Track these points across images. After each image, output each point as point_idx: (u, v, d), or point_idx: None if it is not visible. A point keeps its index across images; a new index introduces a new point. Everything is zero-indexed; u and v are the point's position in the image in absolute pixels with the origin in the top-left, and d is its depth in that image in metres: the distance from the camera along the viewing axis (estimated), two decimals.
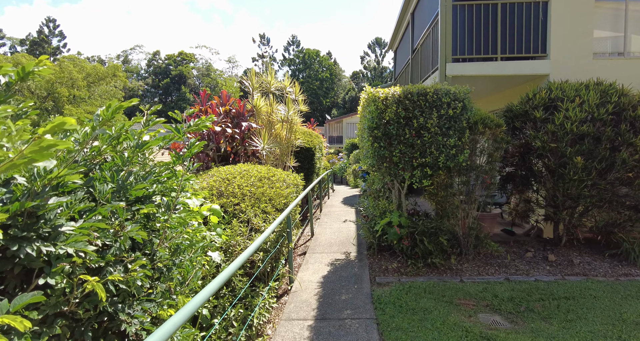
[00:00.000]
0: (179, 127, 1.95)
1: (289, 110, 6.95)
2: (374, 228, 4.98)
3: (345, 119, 30.73)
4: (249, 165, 5.78)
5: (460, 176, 4.51)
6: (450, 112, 4.23)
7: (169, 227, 2.07)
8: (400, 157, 4.36)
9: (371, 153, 4.41)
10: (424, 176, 4.35)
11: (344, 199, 11.30)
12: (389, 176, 4.53)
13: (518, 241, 5.71)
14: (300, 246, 6.22)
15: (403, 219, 4.76)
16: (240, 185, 4.96)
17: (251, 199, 4.70)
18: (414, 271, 4.67)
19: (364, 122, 4.68)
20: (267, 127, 7.14)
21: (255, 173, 5.32)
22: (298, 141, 7.59)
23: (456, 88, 4.34)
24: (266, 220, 4.40)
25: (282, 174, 5.56)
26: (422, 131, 4.29)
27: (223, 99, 7.05)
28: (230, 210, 4.54)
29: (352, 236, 6.44)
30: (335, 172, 19.43)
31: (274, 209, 4.64)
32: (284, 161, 7.26)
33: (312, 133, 9.28)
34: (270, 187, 5.06)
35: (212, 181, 5.07)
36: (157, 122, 1.86)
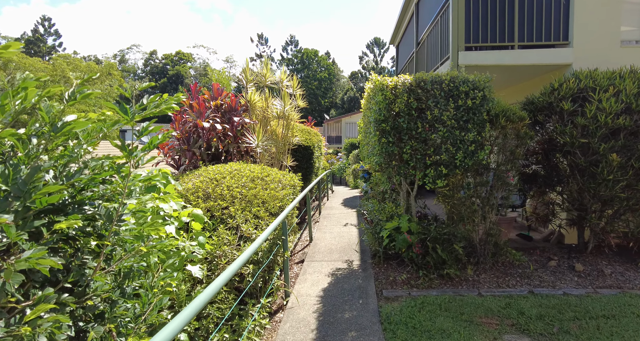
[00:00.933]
0: (127, 108, 1.40)
1: (285, 105, 6.41)
2: (380, 234, 4.45)
3: (344, 119, 30.22)
4: (241, 164, 5.25)
5: (479, 175, 3.98)
6: (469, 103, 3.71)
7: (118, 243, 1.53)
8: (412, 155, 3.83)
9: (378, 150, 3.88)
10: (438, 175, 3.82)
11: (344, 200, 10.77)
12: (398, 176, 4.00)
13: (537, 248, 5.19)
14: (297, 252, 5.69)
15: (413, 225, 4.23)
16: (230, 186, 4.42)
17: (242, 202, 4.16)
18: (426, 283, 4.14)
19: (369, 115, 4.15)
20: (262, 124, 6.61)
21: (247, 173, 4.78)
22: (295, 139, 7.05)
23: (475, 76, 3.82)
24: (258, 226, 3.86)
25: (278, 174, 5.03)
26: (436, 124, 3.76)
27: (214, 93, 6.51)
28: (218, 215, 4.00)
29: (355, 241, 5.91)
30: (334, 172, 18.91)
31: (267, 214, 4.10)
32: (280, 160, 6.73)
33: (311, 131, 8.75)
34: (264, 188, 4.52)
35: (198, 182, 4.53)
36: (88, 94, 1.32)
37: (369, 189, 9.94)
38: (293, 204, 4.45)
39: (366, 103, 4.48)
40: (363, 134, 4.90)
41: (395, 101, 3.76)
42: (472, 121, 3.75)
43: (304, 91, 7.69)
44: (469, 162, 3.71)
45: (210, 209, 4.12)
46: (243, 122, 6.09)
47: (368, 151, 4.39)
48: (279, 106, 6.58)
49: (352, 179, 15.36)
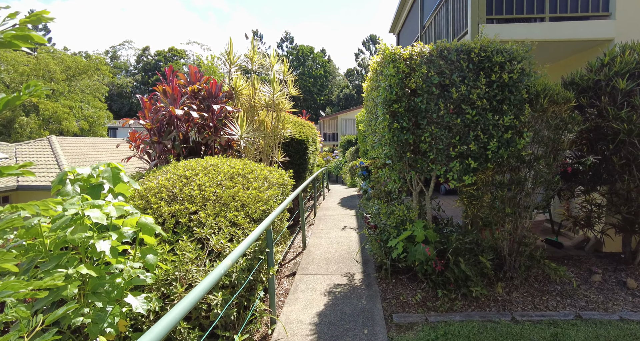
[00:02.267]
0: None
1: (275, 91, 5.56)
2: (388, 244, 3.62)
3: (340, 116, 29.40)
4: (219, 158, 4.39)
5: (516, 170, 3.17)
6: (505, 78, 2.89)
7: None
8: (432, 144, 3.02)
9: (387, 138, 3.05)
10: (465, 170, 3.00)
11: (341, 200, 9.95)
12: (414, 172, 3.17)
13: (570, 257, 4.41)
14: (288, 262, 4.85)
15: (430, 233, 3.41)
16: (203, 185, 3.57)
17: (215, 205, 3.31)
18: (446, 305, 3.33)
19: (376, 95, 3.32)
20: (248, 113, 5.75)
21: (225, 169, 3.93)
22: (287, 131, 6.20)
23: (512, 44, 2.99)
24: (234, 237, 3.01)
25: (264, 170, 4.18)
26: (463, 105, 2.94)
27: (191, 77, 5.63)
28: (184, 221, 3.15)
29: (355, 249, 5.08)
30: (331, 170, 18.09)
31: (247, 220, 3.25)
32: (269, 155, 5.87)
33: (305, 123, 7.89)
34: (244, 188, 3.68)
35: (163, 180, 3.67)
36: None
37: (369, 188, 9.12)
38: (282, 207, 3.61)
39: (371, 82, 3.65)
40: (366, 122, 4.07)
41: (411, 75, 2.94)
42: (508, 101, 2.93)
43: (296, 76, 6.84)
44: (504, 154, 2.89)
45: (175, 214, 3.27)
46: (225, 110, 5.22)
47: (374, 141, 3.56)
48: (267, 93, 5.72)
49: (350, 177, 14.55)
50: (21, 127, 24.48)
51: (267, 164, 5.96)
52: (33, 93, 1.58)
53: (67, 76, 29.05)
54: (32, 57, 27.60)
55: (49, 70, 27.15)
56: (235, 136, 4.88)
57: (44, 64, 27.03)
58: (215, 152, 5.69)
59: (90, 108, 30.02)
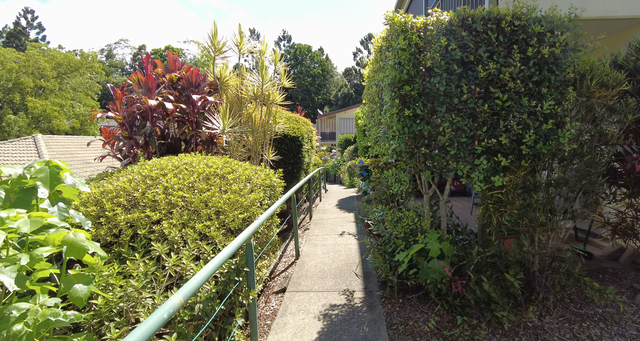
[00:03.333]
0: None
1: (264, 80, 4.93)
2: (395, 258, 3.01)
3: (338, 115, 28.82)
4: (195, 156, 3.77)
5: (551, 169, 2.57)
6: (545, 53, 2.28)
7: None
8: (453, 137, 2.41)
9: (397, 129, 2.44)
10: (494, 169, 2.40)
11: (339, 201, 9.34)
12: (429, 171, 2.56)
13: (604, 270, 3.82)
14: (278, 275, 4.24)
15: (447, 246, 2.81)
16: (170, 188, 2.94)
17: (184, 212, 2.69)
18: (466, 334, 2.72)
19: (381, 78, 2.71)
20: (234, 106, 5.12)
21: (201, 168, 3.31)
22: (278, 126, 5.58)
23: (553, 10, 2.39)
24: (202, 255, 2.40)
25: (247, 170, 3.56)
26: (491, 87, 2.34)
27: (170, 65, 5.00)
28: (142, 233, 2.53)
29: (354, 259, 4.47)
30: (328, 170, 17.47)
31: (222, 232, 2.63)
32: (258, 153, 5.25)
33: (300, 119, 7.28)
34: (222, 191, 3.06)
35: (124, 183, 3.04)
36: None
37: (369, 189, 8.52)
38: (268, 213, 3.00)
39: (374, 64, 3.04)
40: (367, 114, 3.46)
41: (426, 49, 2.34)
42: (548, 83, 2.34)
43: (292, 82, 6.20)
44: (544, 149, 2.29)
45: (133, 224, 2.65)
46: (206, 101, 4.60)
47: (378, 134, 2.95)
48: (256, 83, 5.10)
49: (348, 177, 13.95)
50: (9, 126, 23.72)
51: (256, 163, 5.35)
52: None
53: (57, 73, 28.26)
54: (21, 54, 26.80)
55: (39, 67, 26.36)
56: (217, 130, 4.26)
57: (34, 61, 26.24)
58: (198, 150, 5.08)
59: (82, 106, 29.23)
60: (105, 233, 2.58)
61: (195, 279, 1.73)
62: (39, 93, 27.43)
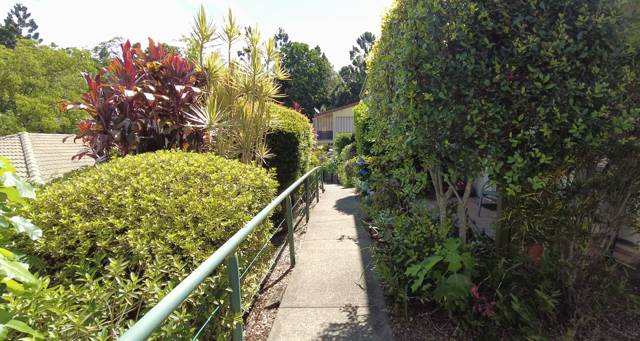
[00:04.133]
0: None
1: (256, 70, 4.47)
2: (406, 272, 2.57)
3: (335, 113, 28.38)
4: (175, 153, 3.30)
5: (593, 166, 2.13)
6: (599, 23, 1.85)
7: None
8: (482, 127, 1.97)
9: (414, 118, 1.99)
10: (531, 168, 1.96)
11: (337, 202, 8.89)
12: (452, 170, 2.11)
13: (636, 281, 3.41)
14: (271, 285, 3.79)
15: (468, 258, 2.37)
16: (141, 190, 2.48)
17: (155, 219, 2.23)
18: None
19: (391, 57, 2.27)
20: (223, 99, 4.66)
21: (180, 167, 2.85)
22: (272, 121, 5.12)
23: None
24: (172, 274, 1.94)
25: (234, 169, 3.11)
26: (530, 66, 1.91)
27: (151, 52, 4.53)
28: (102, 245, 2.07)
29: (356, 268, 4.03)
30: (325, 169, 17.03)
31: (200, 243, 2.18)
32: (250, 150, 4.79)
33: (295, 115, 6.82)
34: (202, 194, 2.60)
35: (87, 184, 2.58)
36: None
37: (369, 189, 8.08)
38: (258, 219, 2.54)
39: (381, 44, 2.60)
40: (372, 105, 3.01)
41: (450, 19, 1.90)
42: (600, 60, 1.91)
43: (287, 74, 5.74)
44: (595, 142, 1.86)
45: (94, 233, 2.20)
46: (191, 92, 4.13)
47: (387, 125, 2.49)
48: (247, 74, 4.64)
49: (346, 176, 13.51)
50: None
51: (248, 162, 4.89)
52: None
53: (48, 70, 27.55)
54: (10, 51, 26.06)
55: (28, 64, 25.66)
56: (203, 125, 3.80)
57: (22, 58, 25.52)
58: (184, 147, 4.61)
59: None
60: (57, 245, 2.12)
61: (154, 313, 1.28)
62: (29, 90, 26.71)
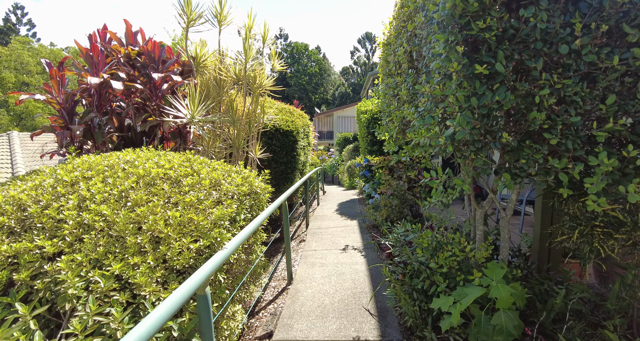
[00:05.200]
0: None
1: (247, 57, 3.90)
2: (433, 304, 1.99)
3: (336, 113, 27.83)
4: (146, 152, 2.73)
5: None
6: None
7: None
8: (553, 114, 1.39)
9: (458, 100, 1.40)
10: (622, 172, 1.39)
11: (339, 206, 8.32)
12: (508, 174, 1.53)
13: None
14: (264, 308, 3.21)
15: (517, 290, 1.80)
16: (89, 199, 1.89)
17: (100, 240, 1.65)
18: None
19: (421, 17, 1.69)
20: (211, 91, 4.08)
21: (145, 169, 2.26)
22: (268, 117, 4.55)
23: None
24: (107, 328, 1.35)
25: (216, 171, 2.53)
26: (626, 25, 1.33)
27: (128, 38, 3.95)
28: (22, 278, 1.50)
29: (364, 287, 3.45)
30: (326, 170, 16.45)
31: (159, 274, 1.58)
32: (241, 149, 4.22)
33: (294, 111, 6.25)
34: (170, 205, 2.01)
35: (22, 192, 2.01)
36: None
37: (373, 191, 7.50)
38: (245, 235, 1.96)
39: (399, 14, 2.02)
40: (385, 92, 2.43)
41: None
42: None
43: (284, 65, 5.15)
44: None
45: (16, 259, 1.62)
46: (172, 82, 3.56)
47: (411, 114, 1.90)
48: (238, 63, 4.06)
49: (347, 177, 12.94)
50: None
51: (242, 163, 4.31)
52: None
53: (42, 68, 26.98)
54: (4, 49, 25.50)
55: (22, 62, 25.12)
56: (183, 119, 3.22)
57: (16, 56, 24.99)
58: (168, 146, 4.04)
59: None
60: None
61: None
62: (23, 89, 26.15)
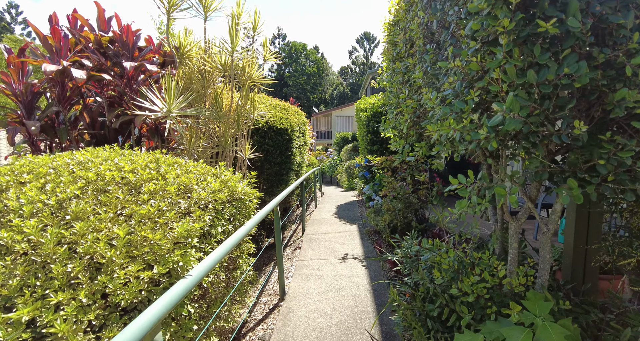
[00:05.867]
0: None
1: (234, 44, 3.47)
2: (458, 339, 1.56)
3: (335, 112, 27.44)
4: (105, 151, 2.29)
5: None
6: None
7: None
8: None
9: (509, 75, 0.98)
10: None
11: (337, 208, 7.90)
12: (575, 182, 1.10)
13: None
14: (251, 330, 2.79)
15: (570, 328, 1.37)
16: (14, 212, 1.44)
17: (17, 269, 1.20)
18: None
19: None
20: (194, 83, 3.65)
21: (100, 173, 1.82)
22: (260, 113, 4.12)
23: None
24: None
25: (189, 174, 2.09)
26: None
27: (100, 23, 3.52)
28: None
29: (366, 306, 3.02)
30: (324, 170, 16.03)
31: (95, 315, 1.13)
32: (229, 148, 3.78)
33: (289, 107, 5.82)
34: (122, 217, 1.56)
35: None
36: None
37: (374, 193, 7.08)
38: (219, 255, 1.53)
39: None
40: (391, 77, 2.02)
41: None
42: None
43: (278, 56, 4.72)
44: None
45: None
46: (149, 72, 3.13)
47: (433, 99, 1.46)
48: (224, 51, 3.64)
49: (346, 178, 12.53)
50: None
51: (229, 165, 3.89)
52: None
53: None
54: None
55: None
56: (158, 113, 2.80)
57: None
58: (151, 145, 3.61)
59: None
60: None
61: None
62: None
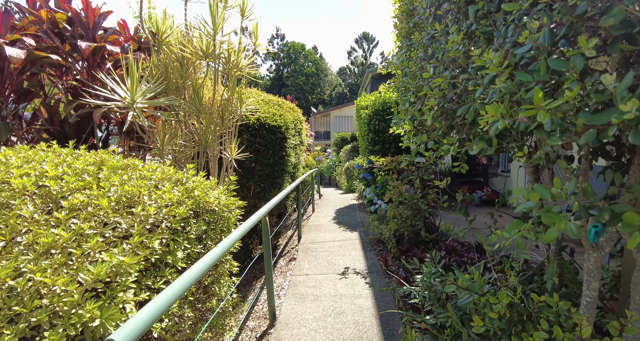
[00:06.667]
0: None
1: (217, 28, 2.97)
2: None
3: (333, 113, 26.97)
4: (35, 151, 1.76)
5: None
6: None
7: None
8: None
9: None
10: None
11: (337, 213, 7.38)
12: None
13: None
14: None
15: None
16: None
17: None
18: None
19: None
20: (170, 74, 3.14)
21: (2, 179, 1.28)
22: (248, 108, 3.61)
23: None
24: None
25: (141, 180, 1.57)
26: None
27: (58, 3, 3.00)
28: None
29: (371, 336, 2.51)
30: (323, 171, 15.52)
31: None
32: (211, 147, 3.27)
33: (284, 103, 5.31)
34: (19, 247, 1.01)
35: None
36: None
37: (375, 197, 6.58)
38: (173, 294, 1.01)
39: None
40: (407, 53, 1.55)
41: None
42: None
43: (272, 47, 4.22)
44: None
45: None
46: (109, 54, 2.62)
47: (479, 62, 0.97)
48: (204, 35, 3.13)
49: (346, 179, 12.03)
50: None
51: (214, 166, 3.37)
52: None
53: None
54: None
55: None
56: (119, 103, 2.29)
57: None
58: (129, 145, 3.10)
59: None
60: None
61: None
62: None
